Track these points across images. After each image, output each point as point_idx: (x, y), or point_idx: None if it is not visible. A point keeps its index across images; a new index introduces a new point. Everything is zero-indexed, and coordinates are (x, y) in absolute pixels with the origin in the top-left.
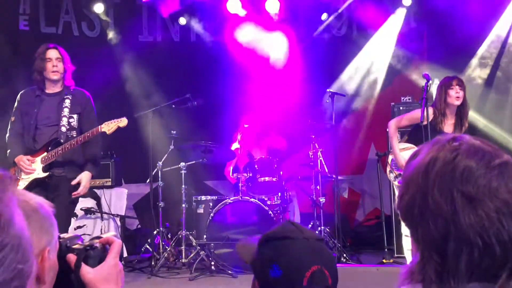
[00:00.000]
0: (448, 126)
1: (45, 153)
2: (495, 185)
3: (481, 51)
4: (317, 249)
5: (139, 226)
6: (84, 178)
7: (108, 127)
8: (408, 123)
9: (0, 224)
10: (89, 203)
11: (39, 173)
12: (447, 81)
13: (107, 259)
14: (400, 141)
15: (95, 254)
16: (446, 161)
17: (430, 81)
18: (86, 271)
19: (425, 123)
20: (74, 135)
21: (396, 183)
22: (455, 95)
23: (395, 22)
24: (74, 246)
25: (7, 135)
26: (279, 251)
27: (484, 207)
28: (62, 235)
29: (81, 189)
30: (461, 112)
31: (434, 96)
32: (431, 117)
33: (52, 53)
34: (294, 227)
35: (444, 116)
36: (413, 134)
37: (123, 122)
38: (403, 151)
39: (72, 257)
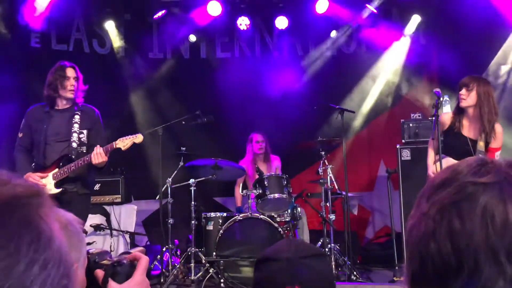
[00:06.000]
0: (470, 130)
1: (56, 169)
2: (455, 199)
3: (492, 68)
4: (297, 268)
5: (148, 242)
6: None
7: (123, 143)
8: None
9: (41, 241)
10: (99, 219)
11: (51, 189)
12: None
13: (135, 275)
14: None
15: (122, 270)
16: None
17: (441, 98)
18: (113, 287)
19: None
20: (84, 151)
21: None
22: (460, 97)
23: (405, 38)
24: (102, 262)
25: (15, 151)
26: (261, 273)
27: (426, 222)
28: (91, 251)
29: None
30: (481, 115)
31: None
32: (449, 121)
33: (70, 72)
34: (287, 245)
35: (460, 119)
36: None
37: (138, 138)
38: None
39: (100, 273)
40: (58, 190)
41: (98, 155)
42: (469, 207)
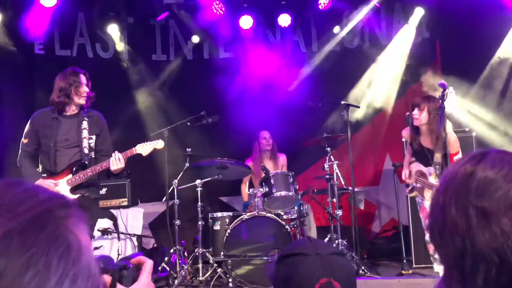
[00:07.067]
0: (427, 143)
1: (70, 175)
2: None
3: (495, 58)
4: (329, 263)
5: (155, 245)
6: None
7: (144, 149)
8: (408, 146)
9: (70, 256)
10: (106, 223)
11: (67, 195)
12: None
13: (140, 278)
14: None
15: (129, 274)
16: (465, 175)
17: (447, 90)
18: None
19: (443, 134)
20: (93, 156)
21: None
22: (413, 117)
23: (408, 32)
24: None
25: (20, 157)
26: (291, 268)
27: (499, 222)
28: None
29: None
30: (436, 133)
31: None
32: (410, 136)
33: (84, 79)
34: (309, 243)
35: (417, 134)
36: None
37: (159, 144)
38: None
39: (107, 278)
40: (75, 197)
41: (117, 161)
42: None
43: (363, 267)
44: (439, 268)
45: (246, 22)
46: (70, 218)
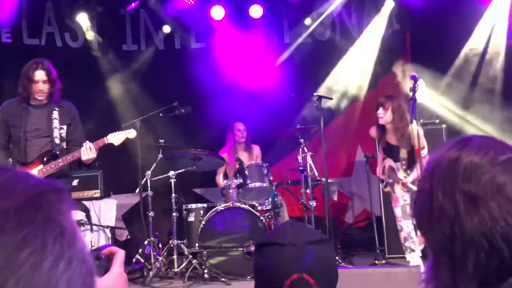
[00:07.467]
0: (393, 139)
1: (41, 166)
2: (499, 181)
3: (465, 50)
4: (303, 255)
5: (129, 236)
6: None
7: (116, 138)
8: (378, 144)
9: (65, 238)
10: (79, 215)
11: None
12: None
13: (113, 268)
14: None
15: (101, 263)
16: (450, 161)
17: (418, 82)
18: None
19: (410, 129)
20: (64, 146)
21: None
22: (378, 116)
23: (378, 24)
24: None
25: None
26: (265, 259)
27: (487, 206)
28: None
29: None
30: (400, 130)
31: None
32: (377, 134)
33: (39, 75)
34: (288, 230)
35: (383, 132)
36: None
37: (131, 133)
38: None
39: None
40: None
41: (89, 151)
42: None
43: (337, 257)
44: (410, 257)
45: (217, 12)
46: (62, 202)
